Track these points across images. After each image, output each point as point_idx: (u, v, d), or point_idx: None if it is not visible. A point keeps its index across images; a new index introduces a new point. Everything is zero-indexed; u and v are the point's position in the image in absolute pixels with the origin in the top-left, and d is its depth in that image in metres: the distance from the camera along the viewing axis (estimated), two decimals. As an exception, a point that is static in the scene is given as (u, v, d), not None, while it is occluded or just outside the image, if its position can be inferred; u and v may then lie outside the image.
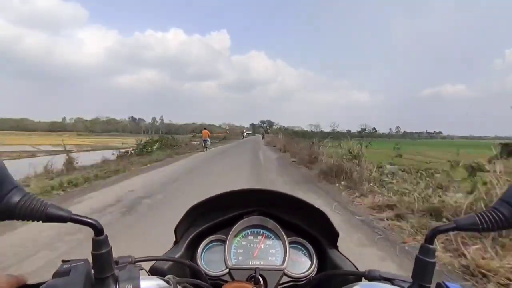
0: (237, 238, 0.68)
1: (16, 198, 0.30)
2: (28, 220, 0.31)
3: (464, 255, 2.54)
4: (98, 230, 0.34)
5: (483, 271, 2.27)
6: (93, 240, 0.34)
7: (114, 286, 0.35)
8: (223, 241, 0.66)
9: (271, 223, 0.68)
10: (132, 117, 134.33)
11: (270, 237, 0.68)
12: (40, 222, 0.32)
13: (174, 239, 0.65)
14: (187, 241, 0.65)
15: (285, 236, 0.66)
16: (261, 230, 0.69)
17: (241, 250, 0.66)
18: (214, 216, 0.68)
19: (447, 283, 0.37)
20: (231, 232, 0.66)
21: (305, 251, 0.67)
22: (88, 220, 0.34)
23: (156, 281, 0.40)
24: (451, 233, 2.78)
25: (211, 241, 0.68)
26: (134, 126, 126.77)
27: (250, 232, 0.69)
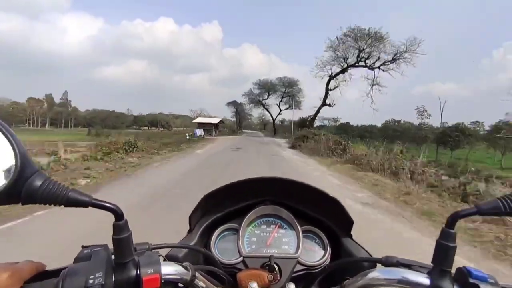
0: (250, 227, 0.68)
1: (38, 183, 0.31)
2: (49, 205, 0.31)
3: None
4: (118, 215, 0.34)
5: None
6: (114, 225, 0.35)
7: (135, 271, 0.35)
8: (236, 230, 0.66)
9: (284, 212, 0.68)
10: (66, 102, 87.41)
11: (283, 226, 0.68)
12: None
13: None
14: (200, 230, 0.65)
15: (298, 226, 0.66)
16: (274, 219, 0.69)
17: (254, 239, 0.66)
18: (227, 205, 0.68)
19: (468, 268, 0.36)
20: (244, 221, 0.66)
21: (318, 240, 0.67)
22: (109, 205, 0.34)
23: (175, 267, 0.40)
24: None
25: (224, 230, 0.68)
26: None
27: (263, 221, 0.69)
